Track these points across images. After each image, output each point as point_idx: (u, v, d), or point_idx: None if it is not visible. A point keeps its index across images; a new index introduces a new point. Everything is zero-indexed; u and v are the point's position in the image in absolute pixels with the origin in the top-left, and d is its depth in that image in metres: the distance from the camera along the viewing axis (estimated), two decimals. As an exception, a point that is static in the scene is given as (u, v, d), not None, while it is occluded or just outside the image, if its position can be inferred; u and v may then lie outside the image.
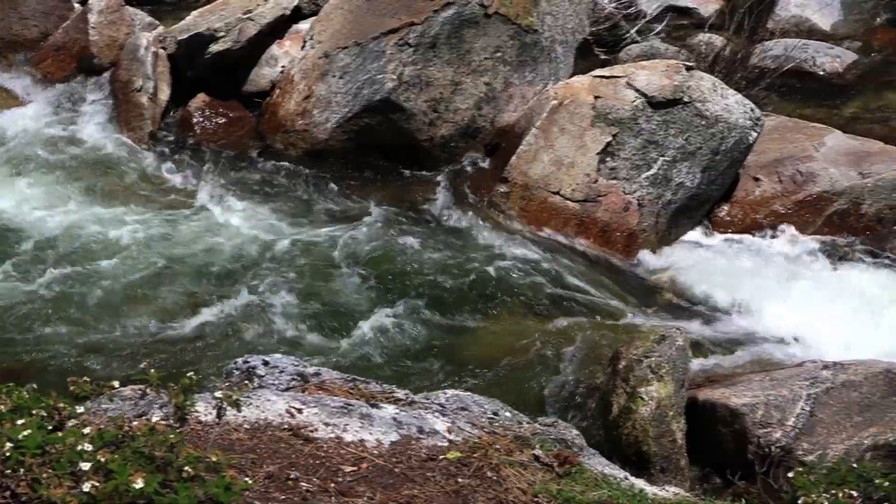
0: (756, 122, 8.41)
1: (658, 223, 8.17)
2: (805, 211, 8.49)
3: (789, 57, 10.69)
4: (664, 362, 5.59)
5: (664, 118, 8.17)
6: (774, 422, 5.55)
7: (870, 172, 8.67)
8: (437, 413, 4.22)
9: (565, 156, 8.14)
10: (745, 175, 8.67)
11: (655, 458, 5.42)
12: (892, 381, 5.85)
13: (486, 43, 8.73)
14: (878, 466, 4.48)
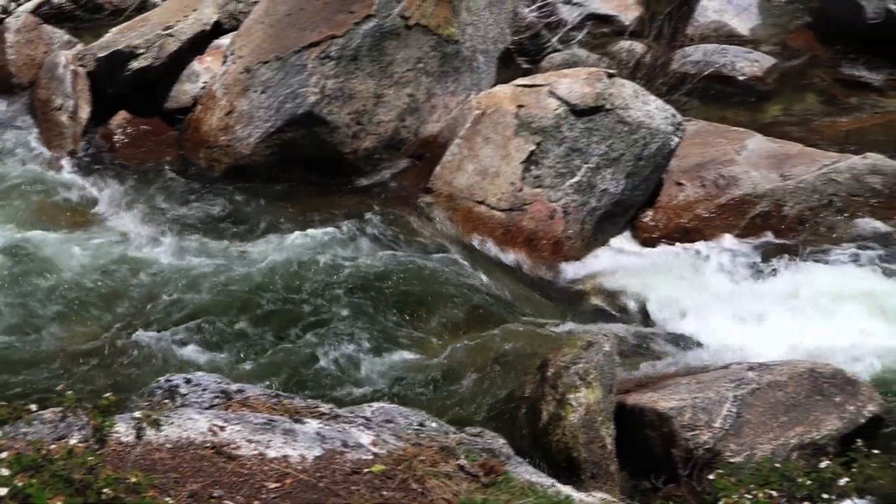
0: (678, 128, 8.47)
1: (583, 230, 8.20)
2: (728, 214, 8.57)
3: (709, 62, 10.79)
4: (592, 368, 5.60)
5: (587, 125, 8.21)
6: (702, 424, 5.58)
7: (791, 174, 8.77)
8: (362, 426, 4.20)
9: (490, 165, 8.15)
10: (668, 180, 8.73)
11: (586, 464, 5.42)
12: (816, 381, 5.91)
13: (407, 54, 8.73)
14: (801, 465, 4.53)
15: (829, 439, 5.69)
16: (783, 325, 7.38)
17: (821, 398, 5.86)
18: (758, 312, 7.43)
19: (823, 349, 6.98)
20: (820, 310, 7.56)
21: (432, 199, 8.20)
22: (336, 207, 8.33)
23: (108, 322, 6.84)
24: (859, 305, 7.62)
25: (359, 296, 7.05)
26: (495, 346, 6.56)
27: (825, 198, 8.70)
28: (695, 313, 7.46)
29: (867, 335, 7.24)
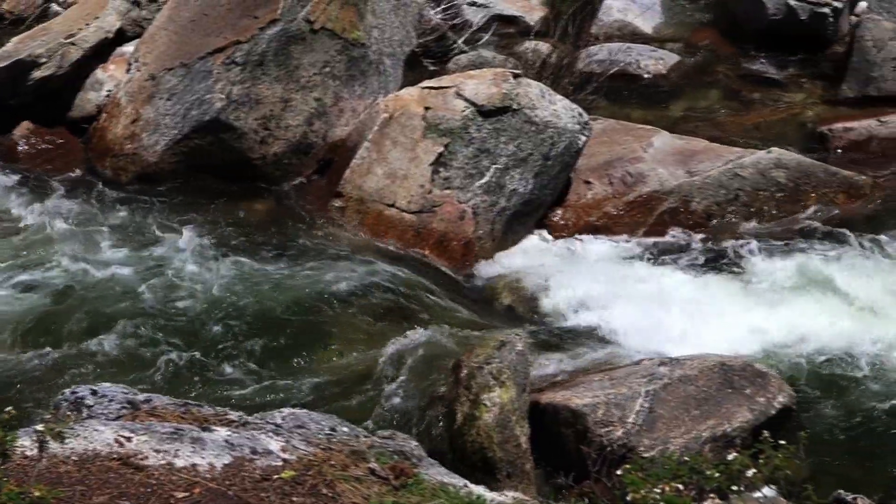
0: (585, 126, 8.53)
1: (494, 230, 8.22)
2: (636, 211, 8.64)
3: (614, 61, 10.86)
4: (505, 368, 5.62)
5: (495, 126, 8.23)
6: (615, 420, 5.63)
7: (697, 171, 8.87)
8: (272, 433, 4.18)
9: (399, 168, 8.15)
10: (576, 179, 8.79)
11: (501, 463, 5.43)
12: (727, 374, 5.99)
13: (314, 58, 8.70)
14: (711, 458, 4.58)
15: (740, 431, 5.76)
16: (693, 319, 7.45)
17: (731, 391, 5.94)
18: (668, 308, 7.50)
19: (733, 342, 7.06)
20: (729, 303, 7.66)
21: (342, 204, 8.18)
22: (245, 214, 8.29)
23: (7, 335, 6.73)
24: (767, 298, 7.73)
25: (269, 302, 7.03)
26: (408, 349, 6.55)
27: (731, 193, 8.81)
28: (606, 310, 7.51)
29: (775, 327, 7.33)
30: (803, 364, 6.99)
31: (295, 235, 8.00)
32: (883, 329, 7.31)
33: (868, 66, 10.83)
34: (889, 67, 10.77)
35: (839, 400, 6.66)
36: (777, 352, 7.10)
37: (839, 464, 6.02)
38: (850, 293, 7.77)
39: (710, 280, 7.96)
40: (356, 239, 8.04)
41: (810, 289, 7.81)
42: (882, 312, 7.53)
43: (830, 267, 8.07)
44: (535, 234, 8.55)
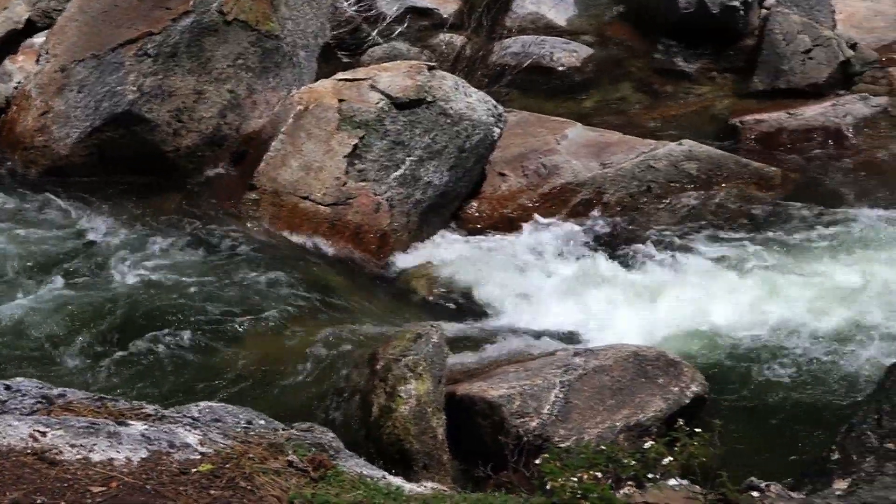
0: (499, 119, 8.56)
1: (409, 222, 8.23)
2: (550, 203, 8.70)
3: (528, 53, 10.91)
4: (421, 360, 5.62)
5: (409, 118, 8.23)
6: (531, 411, 5.65)
7: (610, 162, 8.95)
8: (189, 426, 4.15)
9: (313, 160, 8.12)
10: (491, 171, 8.82)
11: (418, 455, 5.44)
12: (641, 364, 6.04)
13: (227, 50, 8.64)
14: (627, 447, 4.61)
15: (654, 420, 5.81)
16: (607, 310, 7.51)
17: (645, 380, 5.98)
18: (583, 298, 7.56)
19: (647, 332, 7.13)
20: (642, 294, 7.73)
21: (257, 196, 8.13)
22: (158, 207, 8.21)
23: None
24: (679, 288, 7.81)
25: (183, 296, 6.95)
26: (325, 342, 6.52)
27: (644, 184, 8.90)
28: (521, 301, 7.55)
29: (688, 317, 7.41)
30: (716, 352, 7.09)
31: (209, 229, 7.93)
32: (792, 317, 7.42)
33: (777, 59, 10.99)
34: (798, 60, 10.93)
35: (751, 388, 6.76)
36: (690, 341, 7.19)
37: (752, 451, 6.10)
38: (761, 282, 7.88)
39: (623, 271, 8.03)
40: (271, 232, 7.99)
41: (722, 278, 7.91)
42: (791, 300, 7.64)
43: (741, 257, 8.19)
44: (450, 226, 8.58)
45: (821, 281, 7.93)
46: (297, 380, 6.24)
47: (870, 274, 7.96)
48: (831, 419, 5.99)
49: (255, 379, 6.28)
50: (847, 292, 7.75)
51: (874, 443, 5.12)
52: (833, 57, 11.06)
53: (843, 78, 11.15)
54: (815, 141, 10.21)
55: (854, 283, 7.87)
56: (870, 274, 7.96)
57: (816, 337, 7.23)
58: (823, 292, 7.78)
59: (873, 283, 7.85)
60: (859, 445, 5.15)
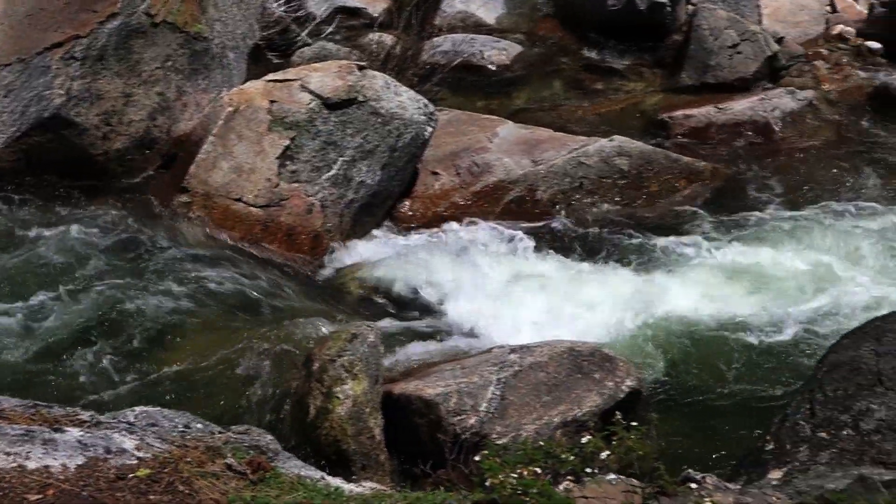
0: (430, 117, 8.57)
1: (342, 223, 8.21)
2: (483, 201, 8.72)
3: (458, 52, 10.93)
4: (357, 360, 5.61)
5: (341, 118, 8.22)
6: (468, 408, 5.65)
7: (542, 159, 8.98)
8: (125, 432, 4.12)
9: (245, 162, 8.07)
10: (423, 170, 8.83)
11: (355, 455, 5.43)
12: (576, 359, 6.05)
13: (155, 52, 8.57)
14: (564, 442, 4.63)
15: (590, 415, 5.81)
16: (542, 306, 7.53)
17: (581, 376, 5.99)
18: (517, 295, 7.58)
19: (581, 328, 7.16)
20: (576, 289, 7.76)
21: (188, 199, 8.07)
22: (89, 211, 8.10)
23: None
24: (612, 283, 7.85)
25: (115, 301, 6.89)
26: (260, 345, 6.50)
27: (576, 181, 8.94)
28: (456, 299, 7.55)
29: (622, 311, 7.46)
30: (651, 346, 7.13)
31: (140, 232, 7.85)
32: (726, 309, 7.50)
33: (705, 55, 11.09)
34: (725, 55, 11.04)
35: (687, 381, 6.82)
36: (624, 335, 7.23)
37: (689, 443, 6.15)
38: (693, 276, 7.95)
39: (556, 267, 8.06)
40: (203, 234, 7.94)
41: (654, 273, 7.97)
42: (724, 293, 7.72)
43: (672, 251, 8.26)
44: (384, 225, 8.57)
45: (753, 274, 8.01)
46: (233, 383, 6.21)
47: (801, 265, 8.06)
48: (767, 410, 6.05)
49: (192, 383, 6.24)
50: (780, 284, 7.84)
51: (808, 432, 5.18)
52: (760, 51, 11.17)
53: (769, 72, 11.27)
54: (743, 135, 10.31)
55: (787, 275, 7.97)
56: (801, 265, 8.06)
57: (750, 329, 7.31)
58: (756, 285, 7.87)
59: (805, 274, 7.96)
60: (793, 435, 5.22)
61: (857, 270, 8.06)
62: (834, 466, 4.90)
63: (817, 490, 4.51)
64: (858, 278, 7.93)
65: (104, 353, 6.41)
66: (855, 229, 8.66)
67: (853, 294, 7.69)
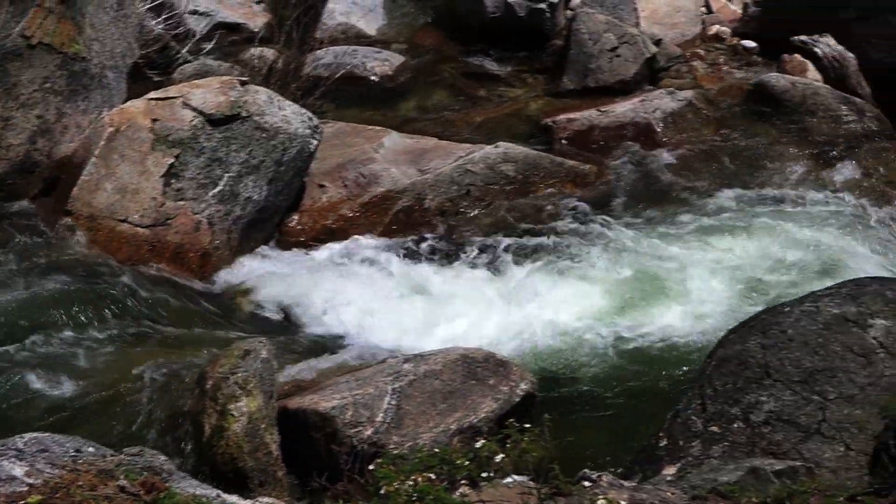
0: (315, 130, 8.55)
1: (230, 239, 8.16)
2: (372, 212, 8.72)
3: (340, 64, 10.91)
4: (251, 377, 5.58)
5: (225, 134, 8.17)
6: (364, 420, 5.65)
7: (428, 168, 9.02)
8: (14, 458, 4.05)
9: (129, 182, 7.98)
10: (310, 183, 8.81)
11: (253, 472, 5.40)
12: (470, 366, 6.08)
13: (33, 74, 8.44)
14: (461, 448, 4.65)
15: (486, 421, 5.84)
16: (434, 314, 7.57)
17: (476, 382, 6.02)
18: (409, 305, 7.60)
19: (474, 334, 7.20)
20: (467, 296, 7.80)
21: (72, 222, 7.95)
22: (-31, 239, 7.98)
23: None
24: (503, 289, 7.91)
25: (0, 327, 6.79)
26: (152, 366, 6.44)
27: (463, 188, 8.98)
28: (348, 311, 7.56)
29: (514, 317, 7.51)
30: (545, 350, 7.19)
31: (23, 258, 7.71)
32: (616, 309, 7.59)
33: (586, 59, 11.20)
34: (605, 59, 11.16)
35: (582, 382, 6.89)
36: (518, 340, 7.28)
37: (586, 443, 6.19)
38: (583, 278, 8.03)
39: (447, 274, 8.10)
40: (89, 257, 7.82)
41: (544, 276, 8.03)
42: (615, 294, 7.81)
43: (562, 254, 8.32)
44: (273, 240, 8.53)
45: (642, 272, 8.11)
46: (126, 405, 6.14)
47: (688, 263, 8.18)
48: (661, 407, 6.11)
49: (84, 407, 6.15)
50: (668, 282, 7.95)
51: (699, 427, 5.27)
52: (639, 54, 11.32)
53: (649, 74, 11.43)
54: (626, 136, 10.41)
55: (674, 273, 8.08)
56: (688, 263, 8.18)
57: (641, 327, 7.41)
58: (645, 284, 7.96)
59: (692, 271, 8.08)
60: (686, 431, 5.30)
61: (741, 265, 8.21)
62: (726, 459, 4.99)
63: (711, 483, 4.57)
64: (743, 273, 8.08)
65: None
66: (738, 225, 8.82)
67: (739, 289, 7.84)
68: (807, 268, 8.17)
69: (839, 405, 5.13)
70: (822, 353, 5.32)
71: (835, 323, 5.45)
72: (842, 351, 5.32)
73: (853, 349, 5.33)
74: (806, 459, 4.92)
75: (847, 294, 5.67)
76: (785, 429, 5.08)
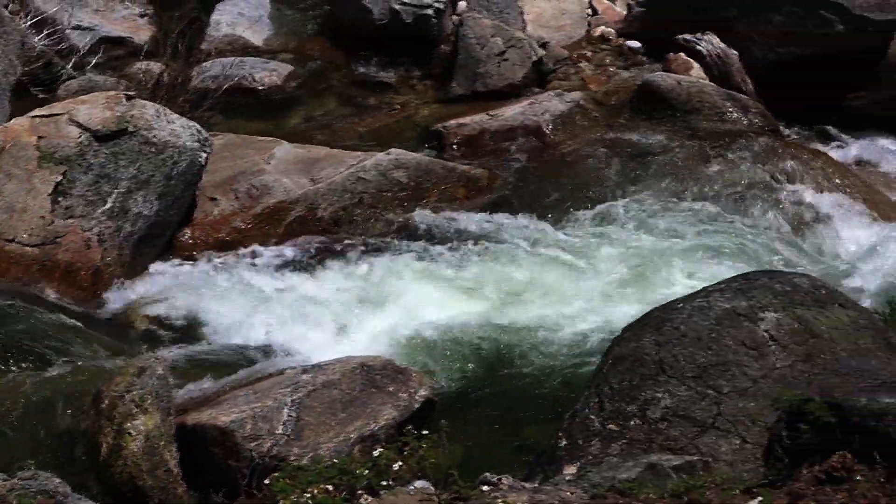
0: (205, 143, 8.49)
1: (122, 256, 8.07)
2: (265, 223, 8.68)
3: (228, 75, 10.84)
4: (147, 394, 5.51)
5: (112, 150, 8.08)
6: (264, 433, 5.61)
7: (321, 177, 9.00)
8: None
9: (16, 201, 7.87)
10: (202, 196, 8.75)
11: (152, 491, 5.34)
12: (369, 374, 6.07)
13: (-88, 96, 8.30)
14: (360, 457, 4.64)
15: (387, 429, 5.83)
16: (333, 324, 7.56)
17: (375, 390, 6.01)
18: (304, 315, 7.57)
19: (374, 342, 7.20)
20: (364, 304, 7.81)
21: (-42, 244, 7.82)
22: None
23: None
24: (402, 296, 7.92)
25: None
26: (46, 387, 6.33)
27: (356, 196, 8.98)
28: (244, 325, 7.51)
29: (412, 323, 7.53)
30: (444, 355, 7.21)
31: None
32: (512, 312, 7.65)
33: (474, 63, 11.26)
34: (493, 63, 11.23)
35: (483, 386, 6.93)
36: (417, 346, 7.30)
37: (488, 447, 6.24)
38: (480, 282, 8.08)
39: (342, 283, 8.09)
40: (-24, 279, 7.70)
41: (438, 282, 8.06)
42: (512, 297, 7.87)
43: (455, 259, 8.35)
44: (165, 255, 8.45)
45: (536, 274, 8.18)
46: (18, 429, 6.03)
47: (580, 263, 8.28)
48: (561, 406, 6.15)
49: (-25, 433, 6.05)
50: (561, 283, 8.03)
51: (598, 426, 5.31)
52: (526, 57, 11.41)
53: (537, 77, 11.51)
54: (517, 140, 10.46)
55: (568, 273, 8.17)
56: (580, 263, 8.28)
57: (538, 329, 7.46)
58: (539, 285, 8.03)
59: (585, 271, 8.16)
60: (584, 430, 5.33)
61: (633, 264, 8.31)
62: (625, 457, 5.03)
63: (610, 481, 4.61)
64: (635, 272, 8.18)
65: None
66: (628, 224, 8.91)
67: (631, 287, 7.94)
68: (696, 264, 8.30)
69: (733, 398, 5.19)
70: (714, 347, 5.39)
71: (726, 318, 5.52)
72: (734, 345, 5.39)
73: (745, 343, 5.40)
74: (703, 453, 4.97)
75: (737, 288, 5.75)
76: (681, 424, 5.14)
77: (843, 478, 4.18)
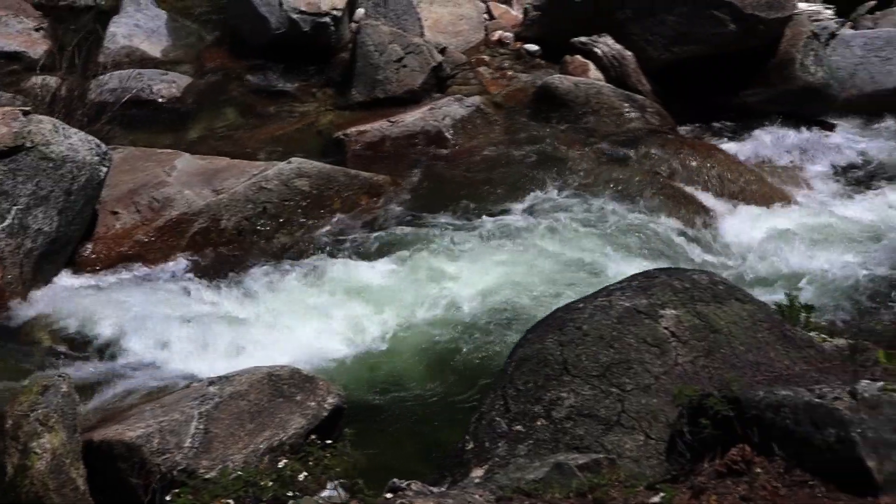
0: (104, 157, 8.43)
1: (23, 273, 7.98)
2: (168, 236, 8.63)
3: (126, 88, 10.74)
4: (52, 412, 5.48)
5: (9, 167, 7.98)
6: (172, 447, 5.59)
7: (223, 188, 8.97)
8: None
9: (-88, 221, 7.77)
10: (103, 211, 8.68)
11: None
12: (276, 384, 6.08)
13: None
14: (264, 469, 4.65)
15: (296, 438, 5.84)
16: (236, 334, 7.54)
17: (283, 400, 6.02)
18: (209, 327, 7.54)
19: (281, 352, 7.18)
20: (270, 313, 7.81)
21: None
22: None
23: None
24: (306, 305, 7.93)
25: None
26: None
27: (259, 206, 8.97)
28: (150, 337, 7.46)
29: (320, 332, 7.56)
30: (351, 363, 7.24)
31: None
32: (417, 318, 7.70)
33: (373, 70, 11.28)
34: (392, 69, 11.26)
35: (392, 392, 6.95)
36: (323, 354, 7.30)
37: (398, 453, 6.27)
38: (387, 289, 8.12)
39: (246, 294, 8.07)
40: None
41: (343, 290, 8.08)
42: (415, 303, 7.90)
43: (358, 266, 8.38)
44: (67, 271, 8.37)
45: (437, 278, 8.22)
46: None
47: (482, 267, 8.34)
48: (469, 410, 6.20)
49: None
50: (463, 286, 8.07)
51: (504, 427, 5.36)
52: (425, 63, 11.45)
53: (437, 82, 11.57)
54: (418, 145, 10.51)
55: (469, 277, 8.21)
56: (482, 267, 8.34)
57: (442, 334, 7.51)
58: (442, 289, 8.07)
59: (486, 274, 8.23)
60: (491, 432, 5.38)
61: (533, 266, 8.39)
62: (532, 457, 5.09)
63: (517, 482, 4.67)
64: (535, 274, 8.26)
65: None
66: (527, 227, 8.98)
67: (534, 289, 8.02)
68: (595, 262, 8.40)
69: (637, 396, 5.27)
70: (617, 346, 5.46)
71: (627, 316, 5.60)
72: (636, 343, 5.47)
73: (647, 340, 5.48)
74: (608, 451, 5.04)
75: (637, 287, 5.84)
76: (587, 423, 5.20)
77: (743, 470, 4.27)
